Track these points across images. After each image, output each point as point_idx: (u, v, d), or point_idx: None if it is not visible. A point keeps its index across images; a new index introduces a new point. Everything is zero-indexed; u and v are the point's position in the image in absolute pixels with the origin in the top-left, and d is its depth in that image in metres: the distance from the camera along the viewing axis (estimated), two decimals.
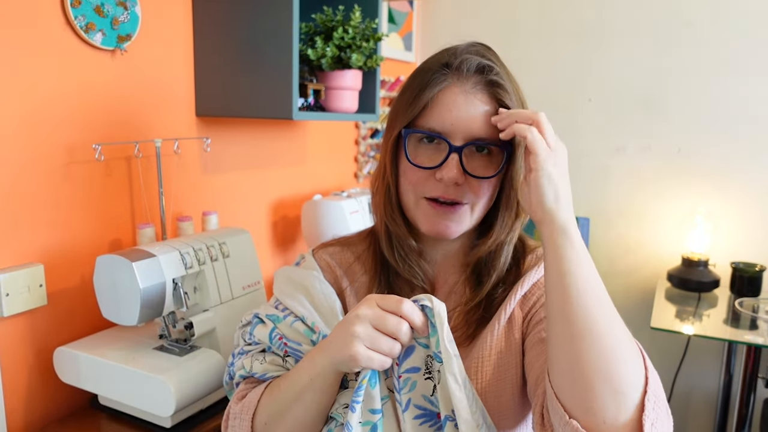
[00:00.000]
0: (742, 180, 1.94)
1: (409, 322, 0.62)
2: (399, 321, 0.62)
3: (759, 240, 1.93)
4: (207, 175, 1.43)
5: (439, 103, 0.72)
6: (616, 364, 0.56)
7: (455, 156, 0.70)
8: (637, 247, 2.12)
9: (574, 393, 0.57)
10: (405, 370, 0.65)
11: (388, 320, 0.61)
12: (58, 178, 1.09)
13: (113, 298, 1.01)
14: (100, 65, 1.14)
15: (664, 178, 2.05)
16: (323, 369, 0.65)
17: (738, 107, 1.92)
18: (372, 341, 0.61)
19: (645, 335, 2.10)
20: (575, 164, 2.15)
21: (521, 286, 0.78)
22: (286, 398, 0.69)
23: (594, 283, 0.60)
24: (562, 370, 0.58)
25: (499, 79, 0.72)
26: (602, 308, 0.59)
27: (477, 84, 0.72)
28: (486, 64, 0.73)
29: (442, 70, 0.73)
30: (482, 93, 0.71)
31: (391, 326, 0.61)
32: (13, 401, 1.04)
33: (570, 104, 2.15)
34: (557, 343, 0.59)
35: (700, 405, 2.08)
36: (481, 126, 0.70)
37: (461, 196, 0.72)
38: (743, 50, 1.89)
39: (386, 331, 0.61)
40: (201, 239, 1.13)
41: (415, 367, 0.65)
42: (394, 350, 0.62)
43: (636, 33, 2.03)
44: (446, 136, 0.71)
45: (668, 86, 2.01)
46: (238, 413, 0.73)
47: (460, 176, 0.71)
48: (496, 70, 0.73)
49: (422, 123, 0.73)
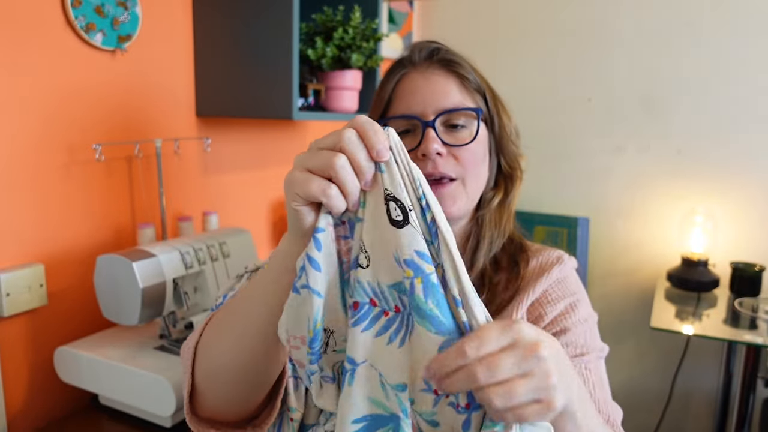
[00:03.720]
0: (741, 180, 1.94)
1: (347, 155, 0.48)
2: (332, 155, 0.48)
3: (758, 240, 1.93)
4: (207, 175, 1.43)
5: (402, 90, 0.76)
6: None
7: (430, 130, 0.72)
8: (637, 247, 2.12)
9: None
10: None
11: (318, 156, 0.48)
12: (59, 178, 1.09)
13: (114, 297, 1.01)
14: (100, 65, 1.14)
15: (663, 178, 2.05)
16: (274, 256, 0.56)
17: (738, 107, 1.92)
18: (303, 184, 0.48)
19: (645, 335, 2.11)
20: (575, 164, 2.16)
21: (532, 290, 0.75)
22: (230, 307, 0.62)
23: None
24: None
25: (451, 57, 0.76)
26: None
27: (431, 65, 0.76)
28: (436, 47, 0.77)
29: (397, 65, 0.78)
30: (439, 70, 0.76)
31: (320, 161, 0.48)
32: (13, 401, 1.05)
33: (570, 104, 2.16)
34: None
35: (699, 405, 2.08)
36: (446, 98, 0.74)
37: (449, 169, 0.73)
38: (743, 50, 1.89)
39: (315, 169, 0.48)
40: (201, 239, 1.14)
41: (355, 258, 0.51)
42: (329, 193, 0.48)
43: (636, 33, 2.03)
44: (417, 116, 0.73)
45: (668, 86, 2.01)
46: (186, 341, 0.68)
47: (440, 146, 0.72)
48: (446, 50, 0.77)
49: (392, 113, 0.76)
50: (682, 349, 2.03)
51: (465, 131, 0.74)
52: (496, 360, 0.44)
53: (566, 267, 0.79)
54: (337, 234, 0.51)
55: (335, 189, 0.48)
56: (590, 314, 0.77)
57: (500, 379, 0.44)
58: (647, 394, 2.13)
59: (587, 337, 0.74)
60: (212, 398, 0.64)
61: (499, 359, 0.44)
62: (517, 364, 0.45)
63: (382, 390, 0.49)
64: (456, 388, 0.45)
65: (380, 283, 0.49)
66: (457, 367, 0.45)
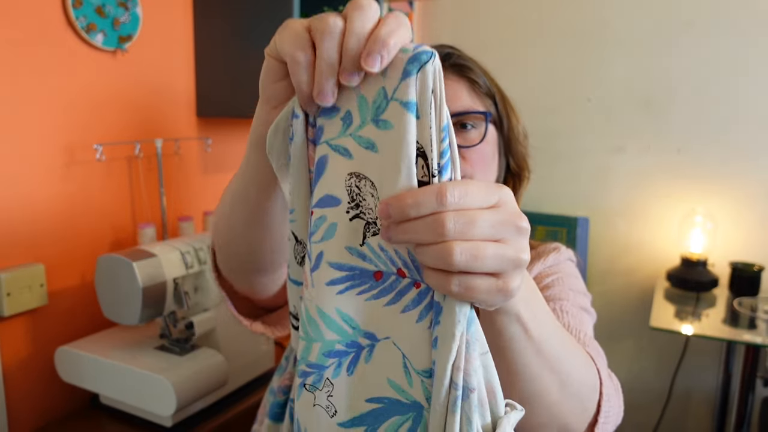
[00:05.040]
0: (741, 180, 1.94)
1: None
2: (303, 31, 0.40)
3: (758, 240, 1.94)
4: (208, 175, 1.43)
5: None
6: (560, 417, 0.52)
7: None
8: (637, 247, 2.13)
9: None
10: (316, 201, 0.41)
11: (318, 21, 0.39)
12: (59, 178, 1.09)
13: (114, 297, 1.01)
14: (101, 66, 1.14)
15: (663, 178, 2.05)
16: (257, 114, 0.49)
17: (737, 107, 1.92)
18: (284, 34, 0.40)
19: (644, 335, 2.11)
20: (575, 164, 2.16)
21: (528, 273, 0.77)
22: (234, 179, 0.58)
23: (543, 348, 0.48)
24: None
25: (463, 62, 0.77)
26: (550, 370, 0.49)
27: (443, 69, 0.76)
28: (448, 52, 0.77)
29: None
30: (450, 74, 0.76)
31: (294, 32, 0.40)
32: (14, 401, 1.05)
33: (569, 104, 2.16)
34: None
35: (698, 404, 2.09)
36: (456, 101, 0.74)
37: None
38: (743, 50, 1.89)
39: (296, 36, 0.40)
40: (202, 239, 1.14)
41: (326, 195, 0.41)
42: (295, 59, 0.39)
43: (636, 33, 2.03)
44: None
45: (668, 86, 2.01)
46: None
47: None
48: (458, 55, 0.78)
49: None
50: (682, 349, 2.04)
51: (474, 132, 0.75)
52: (474, 214, 0.37)
53: (562, 255, 0.82)
54: (307, 136, 0.43)
55: (303, 61, 0.39)
56: (583, 292, 0.79)
57: (470, 236, 0.37)
58: (646, 394, 2.14)
59: (571, 296, 0.74)
60: (220, 259, 0.66)
61: (478, 214, 0.37)
62: (494, 227, 0.38)
63: (404, 374, 0.41)
64: (409, 237, 0.37)
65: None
66: (428, 212, 0.36)
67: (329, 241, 0.41)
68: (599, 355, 0.66)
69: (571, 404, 0.52)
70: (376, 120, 0.39)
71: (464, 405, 0.38)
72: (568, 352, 0.52)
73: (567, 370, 0.51)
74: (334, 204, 0.40)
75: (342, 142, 0.40)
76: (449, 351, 0.38)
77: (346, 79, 0.38)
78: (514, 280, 0.39)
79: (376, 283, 0.41)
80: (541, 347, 0.47)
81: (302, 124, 0.42)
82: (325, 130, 0.41)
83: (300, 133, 0.42)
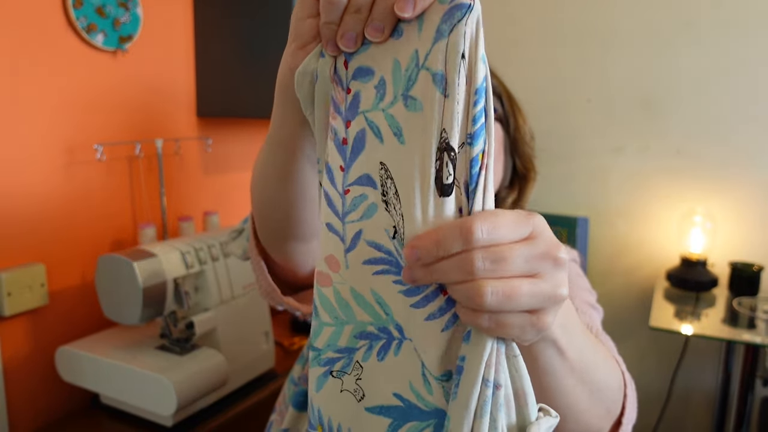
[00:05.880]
0: (740, 180, 1.94)
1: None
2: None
3: (757, 240, 1.94)
4: (208, 175, 1.44)
5: None
6: (590, 422, 0.52)
7: None
8: (637, 247, 2.13)
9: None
10: (354, 179, 0.39)
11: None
12: (60, 178, 1.10)
13: (114, 297, 1.01)
14: (101, 66, 1.15)
15: (663, 179, 2.06)
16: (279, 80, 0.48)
17: (737, 108, 1.92)
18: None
19: (644, 334, 2.11)
20: (574, 165, 2.16)
21: None
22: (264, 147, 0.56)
23: (577, 368, 0.46)
24: None
25: None
26: (584, 387, 0.48)
27: None
28: None
29: None
30: None
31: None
32: (15, 400, 1.05)
33: (569, 105, 2.16)
34: None
35: (698, 403, 2.09)
36: None
37: None
38: (743, 50, 1.90)
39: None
40: (202, 239, 1.14)
41: (365, 175, 0.39)
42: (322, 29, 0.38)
43: (635, 33, 2.03)
44: None
45: (667, 87, 2.01)
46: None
47: None
48: None
49: None
50: (681, 349, 2.04)
51: None
52: (505, 250, 0.34)
53: (567, 256, 0.81)
54: (333, 95, 0.40)
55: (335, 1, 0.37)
56: (588, 289, 0.79)
57: (502, 273, 0.34)
58: (646, 393, 2.14)
59: (579, 294, 0.74)
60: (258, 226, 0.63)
61: (510, 250, 0.34)
62: (529, 262, 0.35)
63: (423, 382, 0.39)
64: (437, 277, 0.35)
65: None
66: (455, 251, 0.34)
67: (369, 220, 0.39)
68: (612, 347, 0.68)
69: (600, 410, 0.52)
70: (405, 96, 0.36)
71: (483, 400, 0.36)
72: (599, 362, 0.51)
73: (597, 379, 0.50)
74: (372, 185, 0.38)
75: (375, 118, 0.38)
76: (484, 347, 0.36)
77: (371, 33, 0.36)
78: (549, 316, 0.36)
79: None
80: (575, 365, 0.45)
81: (329, 65, 0.39)
82: (362, 97, 0.38)
83: (325, 76, 0.40)
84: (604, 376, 0.52)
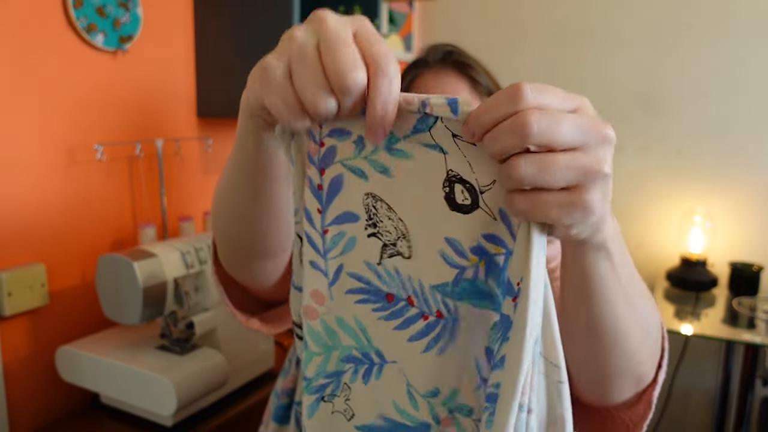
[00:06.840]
0: (740, 180, 1.94)
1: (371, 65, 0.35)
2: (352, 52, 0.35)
3: (757, 240, 1.94)
4: (208, 176, 1.44)
5: (413, 91, 0.77)
6: (639, 365, 0.52)
7: None
8: (637, 247, 2.13)
9: (592, 387, 0.54)
10: (332, 220, 0.42)
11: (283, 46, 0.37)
12: (60, 178, 1.10)
13: (115, 297, 1.01)
14: (101, 66, 1.15)
15: (663, 179, 2.06)
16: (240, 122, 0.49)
17: (737, 108, 1.92)
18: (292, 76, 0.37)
19: None
20: None
21: None
22: (224, 173, 0.56)
23: (627, 290, 0.45)
24: (581, 369, 0.52)
25: (464, 60, 0.77)
26: (633, 313, 0.47)
27: (444, 67, 0.77)
28: (450, 50, 0.78)
29: (412, 67, 0.79)
30: (451, 72, 0.77)
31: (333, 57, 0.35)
32: (15, 400, 1.05)
33: None
34: (577, 352, 0.49)
35: (698, 403, 2.09)
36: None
37: None
38: (743, 50, 1.90)
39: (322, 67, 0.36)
40: (202, 239, 1.14)
41: (344, 213, 0.41)
42: (318, 107, 0.35)
43: (635, 33, 2.03)
44: None
45: (668, 87, 2.01)
46: None
47: None
48: (460, 52, 0.78)
49: None
50: (681, 348, 2.04)
51: None
52: (556, 115, 0.33)
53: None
54: (307, 149, 0.42)
55: (282, 103, 0.36)
56: None
57: (555, 136, 0.32)
58: None
59: None
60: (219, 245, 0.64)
61: (560, 115, 0.33)
62: (577, 132, 0.33)
63: (408, 399, 0.42)
64: (497, 145, 0.33)
65: (422, 282, 0.40)
66: (506, 114, 0.33)
67: (349, 254, 0.42)
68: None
69: (647, 350, 0.51)
70: (389, 148, 0.39)
71: (517, 425, 0.37)
72: (645, 296, 0.50)
73: (644, 313, 0.49)
74: (353, 220, 0.41)
75: (357, 164, 0.40)
76: (518, 372, 0.35)
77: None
78: (592, 193, 0.34)
79: (387, 305, 0.42)
80: (627, 289, 0.44)
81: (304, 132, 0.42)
82: (339, 150, 0.40)
83: (301, 134, 0.42)
84: (650, 314, 0.51)
